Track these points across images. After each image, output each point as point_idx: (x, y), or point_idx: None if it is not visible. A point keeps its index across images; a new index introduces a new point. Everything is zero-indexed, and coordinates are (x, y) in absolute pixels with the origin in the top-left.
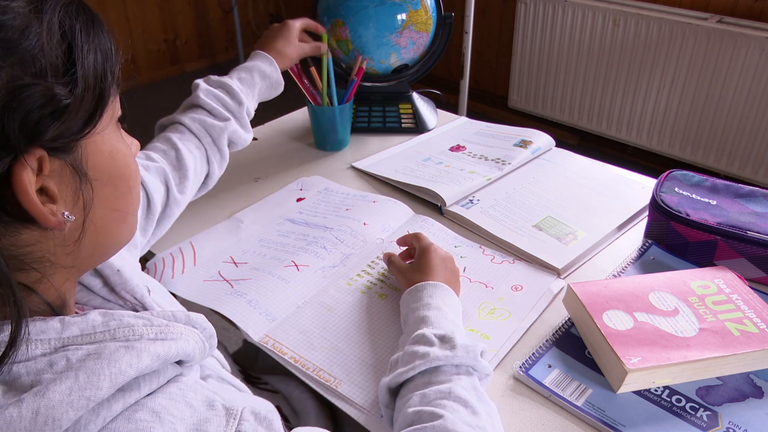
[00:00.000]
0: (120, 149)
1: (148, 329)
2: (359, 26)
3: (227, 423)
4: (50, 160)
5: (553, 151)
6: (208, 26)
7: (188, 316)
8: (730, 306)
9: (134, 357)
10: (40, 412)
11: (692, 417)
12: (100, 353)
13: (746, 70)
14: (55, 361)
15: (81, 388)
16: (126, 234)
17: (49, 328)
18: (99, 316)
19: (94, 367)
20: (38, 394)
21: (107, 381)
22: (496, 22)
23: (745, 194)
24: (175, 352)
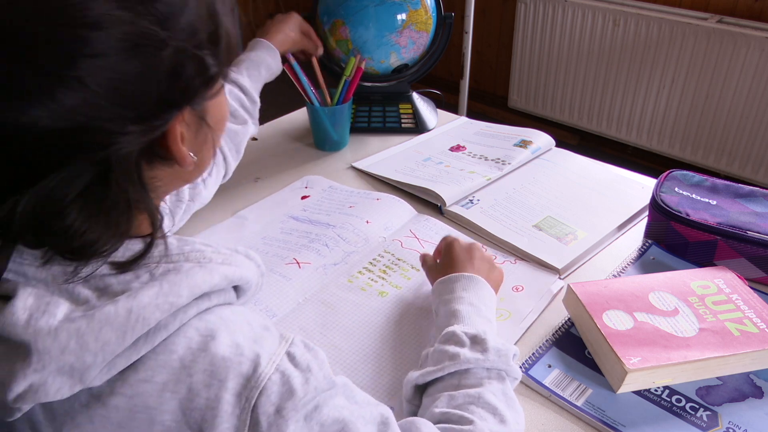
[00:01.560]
0: (223, 102)
1: (216, 255)
2: (359, 26)
3: (280, 343)
4: (191, 112)
5: (553, 151)
6: None
7: (247, 251)
8: (730, 306)
9: (207, 274)
10: (133, 310)
11: (692, 417)
12: (178, 270)
13: (746, 70)
14: (140, 274)
15: (165, 294)
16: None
17: (132, 247)
18: (175, 240)
19: (174, 278)
20: (130, 297)
21: (186, 291)
22: (496, 22)
23: (745, 194)
24: (239, 275)
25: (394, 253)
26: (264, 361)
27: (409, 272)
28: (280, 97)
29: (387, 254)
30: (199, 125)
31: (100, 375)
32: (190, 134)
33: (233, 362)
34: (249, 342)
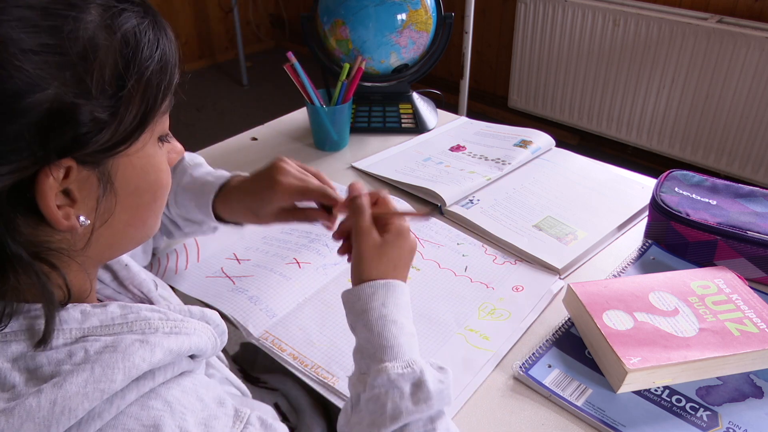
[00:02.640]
0: (154, 164)
1: (164, 323)
2: (359, 26)
3: (234, 424)
4: (78, 169)
5: (553, 151)
6: (208, 26)
7: (203, 312)
8: (730, 306)
9: (148, 351)
10: (57, 402)
11: (692, 417)
12: (116, 346)
13: (746, 70)
14: (74, 352)
15: (96, 380)
16: (143, 236)
17: (70, 318)
18: (118, 308)
19: (109, 360)
20: (56, 386)
21: (121, 374)
22: (496, 22)
23: (745, 194)
24: (187, 346)
25: None
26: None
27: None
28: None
29: None
30: (99, 185)
31: None
32: (86, 194)
33: None
34: (199, 428)
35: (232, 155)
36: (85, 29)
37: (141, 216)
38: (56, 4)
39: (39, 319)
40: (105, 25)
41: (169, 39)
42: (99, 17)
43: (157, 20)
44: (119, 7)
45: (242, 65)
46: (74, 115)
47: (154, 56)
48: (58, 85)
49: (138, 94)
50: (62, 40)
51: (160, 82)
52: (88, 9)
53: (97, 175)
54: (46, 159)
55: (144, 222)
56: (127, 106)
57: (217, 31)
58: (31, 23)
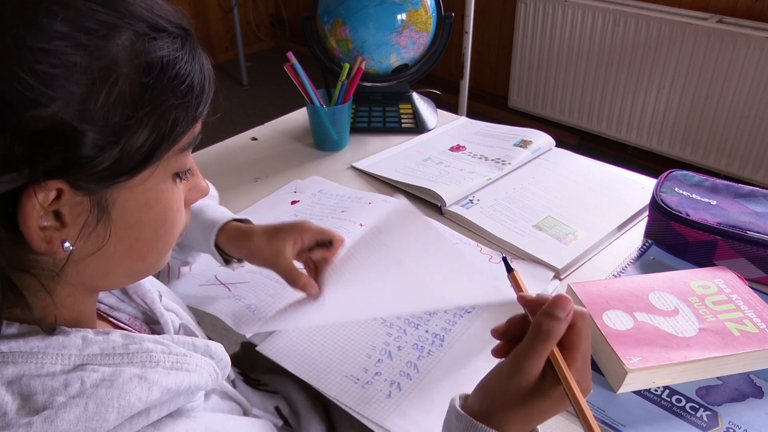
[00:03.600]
0: (162, 200)
1: (166, 357)
2: (359, 26)
3: None
4: (71, 193)
5: (553, 151)
6: (208, 26)
7: (207, 346)
8: (730, 306)
9: (145, 390)
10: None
11: (692, 417)
12: (113, 381)
13: (746, 70)
14: (70, 382)
15: (89, 418)
16: (143, 270)
17: (70, 343)
18: (120, 337)
19: (104, 397)
20: (47, 420)
21: (114, 413)
22: (496, 22)
23: (745, 194)
24: (186, 384)
25: None
26: None
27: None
28: (281, 96)
29: None
30: (93, 211)
31: None
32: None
33: None
34: None
35: (232, 155)
36: (108, 51)
37: (139, 251)
38: (92, 22)
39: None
40: (131, 50)
41: (204, 74)
42: (129, 42)
43: (195, 53)
44: (153, 34)
45: (242, 65)
46: (70, 137)
47: (178, 91)
48: (61, 104)
49: (147, 126)
50: (82, 58)
51: (178, 118)
52: (121, 32)
53: (92, 203)
54: (33, 178)
55: (143, 257)
56: (132, 138)
57: (217, 31)
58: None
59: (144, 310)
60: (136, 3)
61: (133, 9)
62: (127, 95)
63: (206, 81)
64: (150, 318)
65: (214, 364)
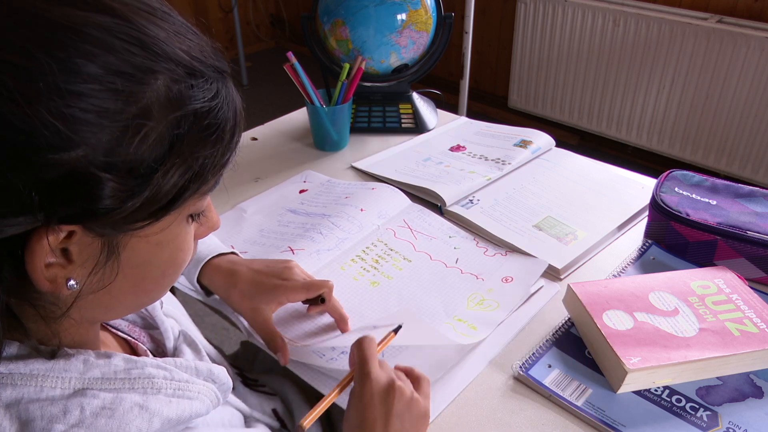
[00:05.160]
0: (174, 241)
1: (168, 383)
2: (359, 26)
3: None
4: (83, 233)
5: (553, 151)
6: (208, 26)
7: (210, 371)
8: (730, 306)
9: (145, 422)
10: None
11: (692, 417)
12: (114, 410)
13: (746, 70)
14: (69, 408)
15: None
16: (144, 303)
17: (71, 366)
18: (122, 362)
19: (104, 428)
20: None
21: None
22: (496, 22)
23: (745, 194)
24: (188, 414)
25: (387, 243)
26: None
27: (400, 263)
28: (281, 96)
29: (380, 243)
30: (102, 251)
31: None
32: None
33: None
34: None
35: None
36: (142, 97)
37: (145, 288)
38: (129, 66)
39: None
40: (167, 98)
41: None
42: (164, 88)
43: (229, 97)
44: (190, 81)
45: (242, 65)
46: (92, 186)
47: (209, 141)
48: (87, 150)
49: (174, 176)
50: (115, 104)
51: (206, 166)
52: (158, 77)
53: (103, 243)
54: (47, 223)
55: (147, 293)
56: (157, 189)
57: (217, 31)
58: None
59: (144, 316)
60: (173, 43)
61: (170, 50)
62: (158, 146)
63: (236, 128)
64: (149, 324)
65: (216, 389)
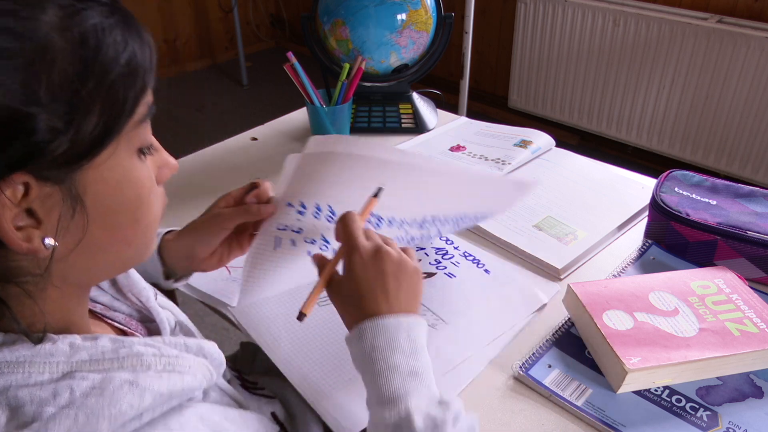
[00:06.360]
0: (132, 179)
1: (157, 360)
2: (359, 26)
3: None
4: (39, 186)
5: (553, 151)
6: (208, 26)
7: (200, 346)
8: (730, 306)
9: (137, 397)
10: None
11: (692, 417)
12: (103, 388)
13: (746, 70)
14: (59, 391)
15: (79, 430)
16: (133, 257)
17: (58, 351)
18: (109, 342)
19: (95, 406)
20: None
21: (106, 423)
22: (496, 22)
23: (745, 194)
24: (179, 388)
25: None
26: None
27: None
28: (281, 96)
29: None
30: (66, 203)
31: None
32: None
33: None
34: None
35: (232, 155)
36: (38, 29)
37: (124, 236)
38: (11, 4)
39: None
40: (61, 26)
41: (142, 42)
42: (56, 17)
43: (128, 20)
44: (80, 6)
45: (242, 65)
46: (23, 124)
47: (120, 59)
48: (3, 92)
49: (99, 100)
50: (12, 43)
51: (127, 88)
52: (45, 9)
53: (63, 192)
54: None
55: (128, 243)
56: (85, 114)
57: (217, 31)
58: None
59: (139, 308)
60: None
61: None
62: (69, 71)
63: (147, 48)
64: (145, 316)
65: (208, 364)
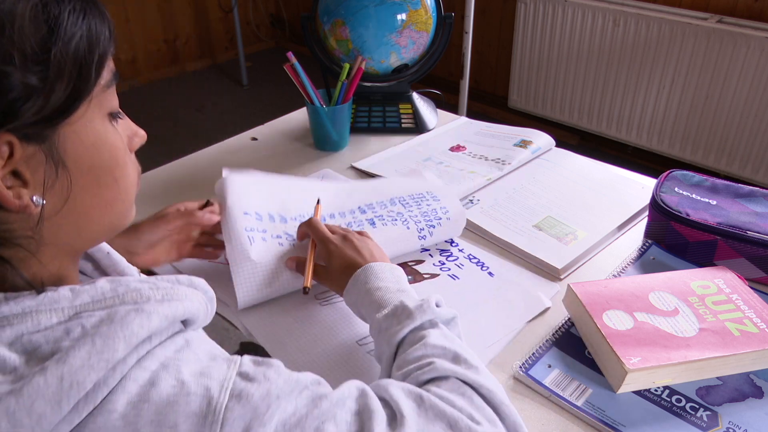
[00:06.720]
0: (107, 140)
1: (155, 292)
2: (359, 26)
3: (228, 367)
4: (22, 146)
5: (553, 151)
6: (208, 26)
7: (190, 280)
8: (730, 306)
9: (145, 319)
10: (65, 377)
11: (692, 417)
12: (112, 318)
13: (746, 70)
14: (71, 328)
15: (99, 351)
16: (116, 221)
17: (61, 297)
18: (107, 282)
19: (108, 331)
20: (60, 361)
21: (122, 343)
22: (496, 22)
23: (745, 194)
24: (182, 311)
25: None
26: (216, 392)
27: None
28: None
29: None
30: (48, 163)
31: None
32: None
33: (180, 403)
34: (195, 377)
35: (232, 155)
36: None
37: (104, 198)
38: None
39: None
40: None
41: (99, 12)
42: None
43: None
44: None
45: (242, 65)
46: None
47: (82, 26)
48: None
49: (67, 60)
50: None
51: (91, 52)
52: None
53: (45, 153)
54: None
55: (110, 205)
56: (57, 72)
57: (217, 31)
58: None
59: None
60: None
61: None
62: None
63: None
64: None
65: (201, 295)
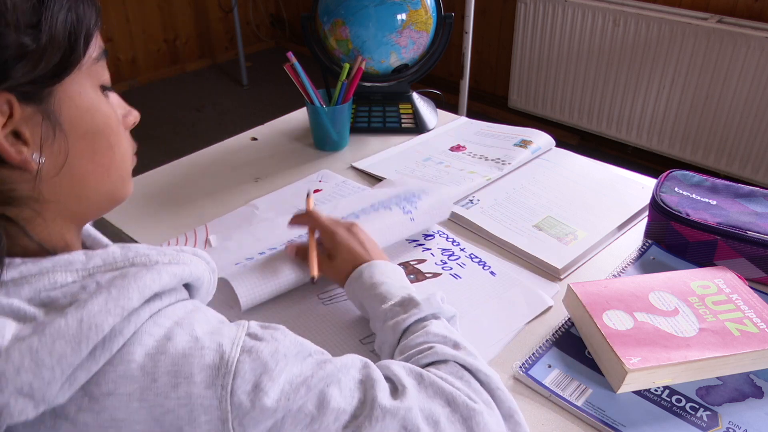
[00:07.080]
0: (100, 108)
1: (162, 256)
2: (359, 26)
3: (238, 328)
4: (21, 106)
5: (553, 151)
6: (208, 26)
7: (194, 250)
8: (730, 306)
9: (155, 274)
10: (84, 320)
11: (692, 417)
12: (125, 275)
13: (746, 70)
14: (86, 285)
15: (115, 298)
16: (113, 189)
17: (75, 260)
18: (118, 248)
19: (122, 283)
20: (79, 307)
21: (136, 293)
22: (496, 22)
23: (745, 194)
24: (188, 272)
25: None
26: (228, 348)
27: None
28: (281, 96)
29: None
30: (47, 125)
31: (62, 391)
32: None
33: (195, 356)
34: (207, 334)
35: (232, 155)
36: None
37: (101, 163)
38: None
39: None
40: None
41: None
42: None
43: None
44: None
45: (242, 65)
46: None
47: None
48: None
49: (58, 27)
50: None
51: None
52: None
53: (42, 114)
54: None
55: (107, 171)
56: (49, 38)
57: (217, 31)
58: None
59: None
60: None
61: None
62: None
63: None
64: None
65: (205, 263)
